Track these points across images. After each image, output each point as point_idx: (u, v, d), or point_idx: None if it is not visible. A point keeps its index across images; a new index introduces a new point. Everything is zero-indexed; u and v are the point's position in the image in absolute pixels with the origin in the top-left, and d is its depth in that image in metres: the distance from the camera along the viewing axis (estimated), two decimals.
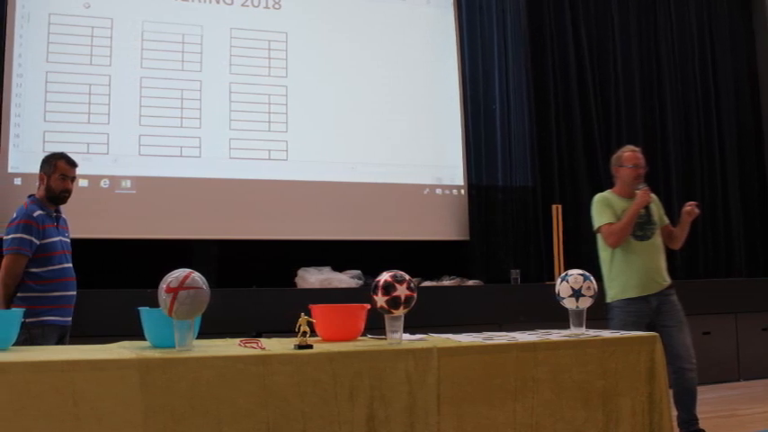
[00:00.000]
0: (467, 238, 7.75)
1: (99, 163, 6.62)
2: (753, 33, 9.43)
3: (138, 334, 2.72)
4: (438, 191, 7.71)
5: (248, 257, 6.93)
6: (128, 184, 6.70)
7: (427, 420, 2.62)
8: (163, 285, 2.50)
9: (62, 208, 4.27)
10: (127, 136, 6.75)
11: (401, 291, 2.73)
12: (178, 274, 2.52)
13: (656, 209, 4.67)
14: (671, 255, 4.82)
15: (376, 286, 2.76)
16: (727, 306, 7.53)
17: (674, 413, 4.02)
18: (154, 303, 2.58)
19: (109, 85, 6.76)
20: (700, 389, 4.43)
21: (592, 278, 3.23)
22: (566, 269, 3.45)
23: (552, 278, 7.15)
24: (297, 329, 2.67)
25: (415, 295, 2.77)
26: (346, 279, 6.86)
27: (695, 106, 8.96)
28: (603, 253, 4.61)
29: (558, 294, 3.22)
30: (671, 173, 8.66)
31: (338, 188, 7.30)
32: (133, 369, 2.33)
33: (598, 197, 4.66)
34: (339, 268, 6.96)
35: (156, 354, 2.44)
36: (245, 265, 6.82)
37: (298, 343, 2.63)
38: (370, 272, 6.56)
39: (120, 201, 6.66)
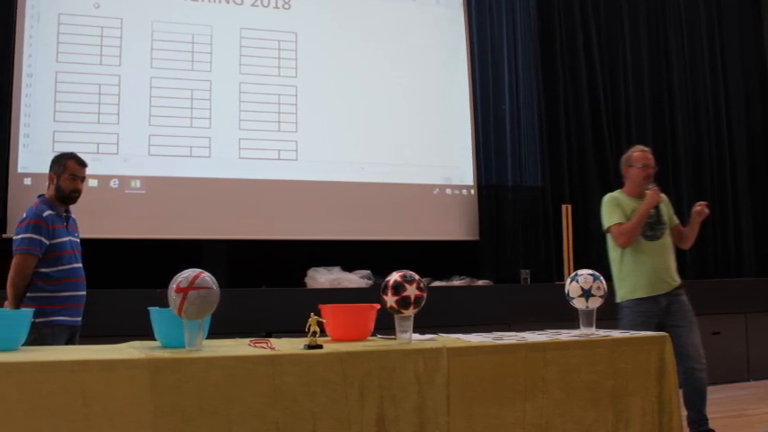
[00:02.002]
0: (476, 238, 7.73)
1: (109, 163, 6.64)
2: (762, 33, 9.39)
3: (147, 334, 2.72)
4: (448, 191, 7.70)
5: (258, 257, 6.92)
6: (137, 184, 6.72)
7: (437, 420, 2.62)
8: (173, 285, 2.50)
9: (72, 208, 4.27)
10: (136, 136, 6.76)
11: (411, 291, 2.73)
12: (188, 274, 2.52)
13: (666, 209, 4.65)
14: (680, 254, 4.80)
15: (386, 286, 2.76)
16: (737, 306, 7.50)
17: (684, 413, 4.01)
18: (164, 303, 2.59)
19: (119, 85, 6.77)
20: (709, 389, 4.42)
21: (602, 278, 3.22)
22: (575, 269, 3.44)
23: (562, 278, 7.13)
24: (307, 329, 2.67)
25: (425, 295, 2.77)
26: (356, 279, 6.86)
27: (705, 106, 8.93)
28: (613, 253, 4.60)
29: (568, 294, 3.21)
30: (681, 173, 8.63)
31: (348, 188, 7.30)
32: (143, 369, 2.33)
33: (608, 197, 4.65)
34: (349, 268, 6.95)
35: (166, 354, 2.44)
36: (255, 265, 6.82)
37: (307, 343, 2.63)
38: (380, 272, 6.54)
39: (129, 201, 6.67)
